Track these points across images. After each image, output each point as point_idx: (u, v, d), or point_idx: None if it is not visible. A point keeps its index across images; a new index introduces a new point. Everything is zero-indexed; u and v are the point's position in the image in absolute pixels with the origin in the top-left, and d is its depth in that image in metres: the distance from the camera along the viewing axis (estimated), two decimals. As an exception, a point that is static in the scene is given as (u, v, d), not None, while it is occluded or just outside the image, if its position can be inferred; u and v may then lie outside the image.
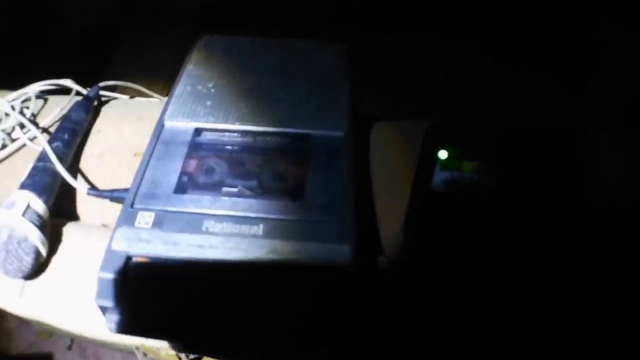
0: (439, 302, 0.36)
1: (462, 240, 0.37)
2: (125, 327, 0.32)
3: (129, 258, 0.32)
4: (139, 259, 0.32)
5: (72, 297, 0.37)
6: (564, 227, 0.40)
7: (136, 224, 0.32)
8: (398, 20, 0.84)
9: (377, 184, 0.42)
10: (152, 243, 0.32)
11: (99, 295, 0.31)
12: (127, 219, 0.33)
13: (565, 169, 0.41)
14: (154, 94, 0.52)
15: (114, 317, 0.32)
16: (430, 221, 0.37)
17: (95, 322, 0.35)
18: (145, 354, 0.53)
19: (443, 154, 0.37)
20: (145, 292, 0.31)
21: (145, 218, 0.33)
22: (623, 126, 0.45)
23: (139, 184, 0.35)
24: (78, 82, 0.50)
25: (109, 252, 0.32)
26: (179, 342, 0.34)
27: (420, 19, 0.84)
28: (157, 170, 0.36)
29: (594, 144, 0.42)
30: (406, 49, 0.83)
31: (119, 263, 0.31)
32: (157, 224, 0.32)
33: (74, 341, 0.79)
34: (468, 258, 0.36)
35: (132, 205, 0.34)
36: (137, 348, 0.50)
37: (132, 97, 0.52)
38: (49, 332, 0.76)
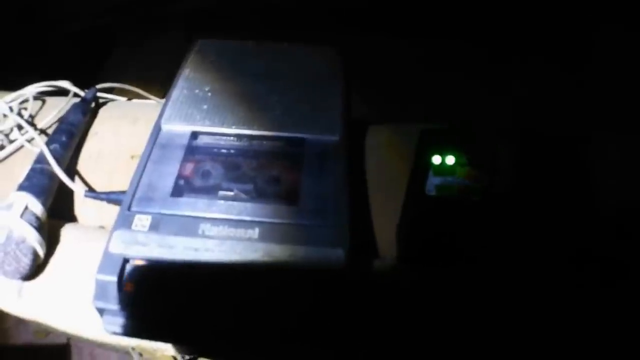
0: (432, 305, 0.36)
1: (455, 244, 0.37)
2: (121, 329, 0.32)
3: (125, 260, 0.32)
4: (136, 262, 0.32)
5: (70, 298, 0.37)
6: (562, 230, 0.40)
7: (133, 226, 0.33)
8: (395, 21, 0.85)
9: (372, 186, 0.42)
10: (149, 246, 0.32)
11: (96, 297, 0.32)
12: (124, 221, 0.33)
13: (562, 173, 0.41)
14: (151, 96, 0.52)
15: (111, 319, 0.32)
16: (423, 225, 0.37)
17: (92, 323, 0.35)
18: (140, 355, 0.54)
19: (436, 159, 0.38)
20: (141, 295, 0.31)
21: (142, 221, 0.33)
22: (630, 128, 0.45)
23: (136, 187, 0.35)
24: (75, 84, 0.50)
25: (106, 254, 0.32)
26: (175, 344, 0.35)
27: (418, 20, 0.84)
28: (154, 174, 0.36)
29: (599, 147, 0.42)
30: (403, 50, 0.83)
31: (115, 265, 0.32)
32: (154, 227, 0.33)
33: (70, 340, 0.80)
34: (461, 261, 0.37)
35: (129, 208, 0.34)
36: (133, 349, 0.50)
37: (129, 99, 0.52)
38: (45, 332, 0.77)
